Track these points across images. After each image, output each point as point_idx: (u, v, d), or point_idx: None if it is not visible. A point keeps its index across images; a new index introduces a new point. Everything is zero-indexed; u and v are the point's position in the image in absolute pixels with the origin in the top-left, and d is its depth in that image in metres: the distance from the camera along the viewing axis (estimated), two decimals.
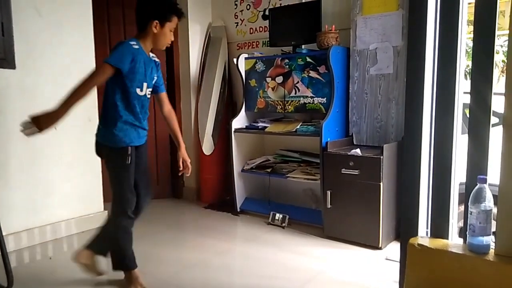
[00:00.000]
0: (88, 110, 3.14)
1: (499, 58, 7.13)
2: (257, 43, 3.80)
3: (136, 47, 2.02)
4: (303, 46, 3.27)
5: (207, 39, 4.00)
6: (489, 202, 1.52)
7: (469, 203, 1.57)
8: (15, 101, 2.77)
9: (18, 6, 2.72)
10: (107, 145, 2.10)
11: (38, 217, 2.94)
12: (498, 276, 1.50)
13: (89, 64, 3.14)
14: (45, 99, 2.91)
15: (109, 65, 1.95)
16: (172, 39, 2.14)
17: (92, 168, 3.23)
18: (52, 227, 3.00)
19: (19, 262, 2.62)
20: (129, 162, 2.07)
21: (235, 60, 3.50)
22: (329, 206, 2.86)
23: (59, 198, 3.04)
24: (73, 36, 3.05)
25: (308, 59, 3.14)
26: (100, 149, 2.16)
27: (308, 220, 3.21)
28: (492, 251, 1.57)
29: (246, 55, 3.54)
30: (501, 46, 6.57)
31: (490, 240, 1.57)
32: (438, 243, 1.71)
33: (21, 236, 2.82)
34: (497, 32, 1.64)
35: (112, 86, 2.04)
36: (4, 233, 2.17)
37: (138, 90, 2.06)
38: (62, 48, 2.99)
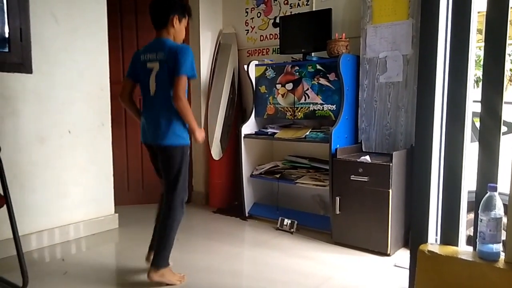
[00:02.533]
0: (101, 115, 3.20)
1: (507, 67, 7.13)
2: (267, 50, 3.85)
3: None
4: (313, 54, 3.31)
5: (217, 45, 4.06)
6: (499, 210, 1.54)
7: (479, 211, 1.59)
8: (30, 104, 2.83)
9: (35, 13, 2.79)
10: (181, 144, 2.25)
11: (51, 219, 2.98)
12: (507, 284, 1.52)
13: (103, 69, 3.20)
14: (60, 103, 3.00)
15: (186, 77, 2.14)
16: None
17: (104, 171, 3.28)
18: (63, 229, 3.05)
19: (31, 263, 2.66)
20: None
21: (245, 66, 3.55)
22: (337, 212, 2.88)
23: (71, 201, 3.09)
24: (88, 42, 3.12)
25: (318, 67, 3.17)
26: (172, 150, 2.24)
27: (316, 226, 3.23)
28: (502, 258, 1.58)
29: (257, 62, 3.58)
30: (509, 55, 6.58)
31: (500, 247, 1.59)
32: (448, 250, 1.73)
33: (31, 238, 2.86)
34: (508, 42, 1.66)
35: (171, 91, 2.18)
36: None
37: None
38: (77, 54, 3.05)
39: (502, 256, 1.59)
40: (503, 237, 1.60)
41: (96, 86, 3.16)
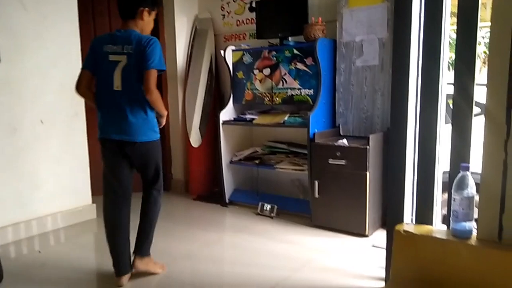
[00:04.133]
0: (74, 104, 3.11)
1: (481, 49, 7.26)
2: (244, 35, 3.81)
3: None
4: (290, 38, 3.30)
5: (193, 31, 3.99)
6: (471, 189, 1.58)
7: (452, 190, 1.62)
8: (1, 94, 2.74)
9: (2, 0, 2.68)
10: (154, 140, 2.18)
11: (25, 211, 2.92)
12: (480, 259, 1.57)
13: (75, 56, 3.11)
14: (32, 92, 2.91)
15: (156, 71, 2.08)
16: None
17: (80, 161, 3.22)
18: (39, 221, 2.99)
19: (7, 256, 2.60)
20: None
21: (222, 52, 3.51)
22: (316, 196, 2.91)
23: (46, 192, 3.03)
24: (59, 28, 3.02)
25: (295, 51, 3.16)
26: (150, 145, 2.18)
27: (296, 210, 3.26)
28: (474, 236, 1.63)
29: (233, 47, 3.55)
30: (483, 38, 6.70)
31: (472, 225, 1.63)
32: (423, 229, 1.77)
33: (7, 231, 2.81)
34: (479, 24, 1.68)
35: (140, 85, 2.09)
36: None
37: None
38: (48, 41, 2.96)
39: (475, 233, 1.64)
40: (476, 216, 1.65)
41: (68, 75, 3.05)
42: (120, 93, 2.09)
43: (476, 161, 1.66)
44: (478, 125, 1.70)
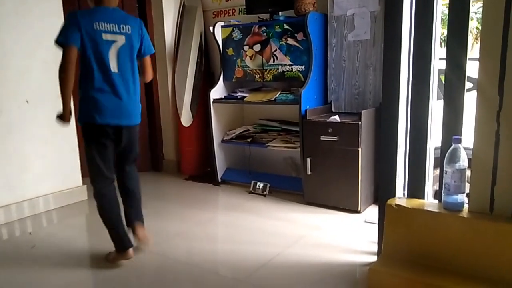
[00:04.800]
0: None
1: (473, 25, 7.23)
2: (233, 10, 3.72)
3: None
4: (280, 13, 3.23)
5: (181, 8, 3.89)
6: (463, 162, 1.58)
7: (444, 163, 1.62)
8: None
9: None
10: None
11: (14, 194, 2.89)
12: (471, 231, 1.58)
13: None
14: (16, 71, 2.84)
15: None
16: None
17: (68, 142, 3.17)
18: (29, 203, 2.96)
19: (1, 238, 2.59)
20: None
21: (211, 28, 3.43)
22: (309, 173, 2.91)
23: (35, 174, 2.99)
24: (41, 5, 2.91)
25: (286, 26, 3.10)
26: (137, 128, 2.21)
27: (288, 187, 3.26)
28: (466, 208, 1.64)
29: (223, 23, 3.47)
30: (475, 13, 6.65)
31: (464, 198, 1.64)
32: (415, 203, 1.78)
33: None
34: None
35: (132, 66, 2.15)
36: None
37: None
38: (30, 18, 2.86)
39: (466, 206, 1.66)
40: (467, 190, 1.66)
41: (53, 53, 2.98)
42: (116, 75, 2.02)
43: (468, 137, 1.65)
44: (470, 100, 1.69)
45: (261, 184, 3.27)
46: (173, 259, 2.27)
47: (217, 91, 3.50)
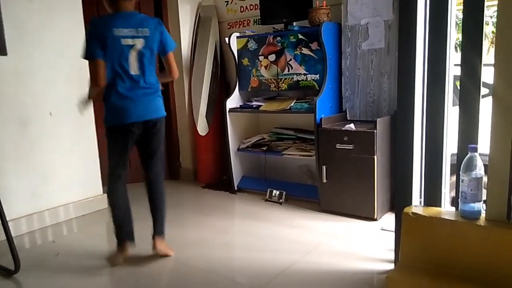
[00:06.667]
0: (81, 96, 3.13)
1: (489, 29, 7.14)
2: (248, 21, 3.78)
3: None
4: (294, 23, 3.27)
5: (197, 19, 3.97)
6: (480, 170, 1.58)
7: (460, 172, 1.62)
8: (9, 87, 2.77)
9: None
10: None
11: (38, 203, 2.97)
12: (489, 240, 1.57)
13: (81, 46, 3.11)
14: (40, 83, 2.94)
15: None
16: None
17: (89, 152, 3.26)
18: (51, 212, 3.04)
19: (22, 246, 2.66)
20: None
21: (227, 39, 3.49)
22: (324, 181, 2.92)
23: (58, 183, 3.07)
24: (64, 19, 3.02)
25: (300, 36, 3.14)
26: (163, 121, 2.31)
27: (304, 195, 3.28)
28: (482, 216, 1.64)
29: (238, 34, 3.53)
30: (491, 17, 6.57)
31: (481, 206, 1.64)
32: (432, 211, 1.77)
33: (21, 222, 2.86)
34: (486, 3, 1.66)
35: (153, 66, 2.25)
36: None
37: None
38: (53, 32, 2.97)
39: (483, 214, 1.65)
40: (484, 197, 1.65)
41: (75, 66, 3.09)
42: (139, 76, 2.15)
43: (484, 143, 1.65)
44: (486, 106, 1.69)
45: (277, 192, 3.29)
46: (190, 266, 2.31)
47: (233, 101, 3.55)
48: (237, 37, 3.52)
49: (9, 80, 2.76)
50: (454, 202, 1.80)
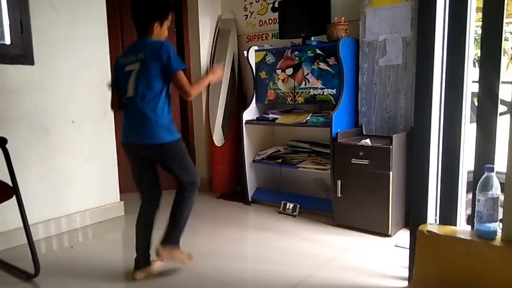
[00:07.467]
0: (103, 104, 3.20)
1: (508, 46, 7.06)
2: (267, 35, 3.84)
3: None
4: (312, 38, 3.31)
5: (217, 31, 4.05)
6: (496, 190, 1.57)
7: (476, 191, 1.62)
8: (35, 96, 2.86)
9: (35, 3, 2.79)
10: (174, 140, 2.20)
11: (57, 209, 3.03)
12: (505, 261, 1.56)
13: (104, 58, 3.22)
14: (64, 93, 3.03)
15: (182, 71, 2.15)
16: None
17: (108, 160, 3.33)
18: (70, 218, 3.11)
19: (39, 251, 2.70)
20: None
21: (245, 52, 3.55)
22: (339, 195, 2.92)
23: (76, 190, 3.14)
24: (89, 31, 3.12)
25: (318, 51, 3.18)
26: (168, 146, 2.20)
27: (318, 209, 3.28)
28: (498, 237, 1.62)
29: (256, 47, 3.58)
30: (510, 34, 6.51)
31: (497, 226, 1.62)
32: (447, 229, 1.76)
33: (38, 227, 2.91)
34: (505, 20, 1.66)
35: (163, 86, 2.16)
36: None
37: None
38: (79, 43, 3.07)
39: (499, 234, 1.63)
40: (500, 216, 1.63)
41: (97, 76, 3.18)
42: (135, 97, 2.14)
43: (501, 160, 1.64)
44: (503, 124, 1.68)
45: (291, 205, 3.30)
46: (203, 276, 2.33)
47: (250, 113, 3.59)
48: (256, 50, 3.57)
49: (34, 89, 2.85)
50: (470, 220, 1.78)
